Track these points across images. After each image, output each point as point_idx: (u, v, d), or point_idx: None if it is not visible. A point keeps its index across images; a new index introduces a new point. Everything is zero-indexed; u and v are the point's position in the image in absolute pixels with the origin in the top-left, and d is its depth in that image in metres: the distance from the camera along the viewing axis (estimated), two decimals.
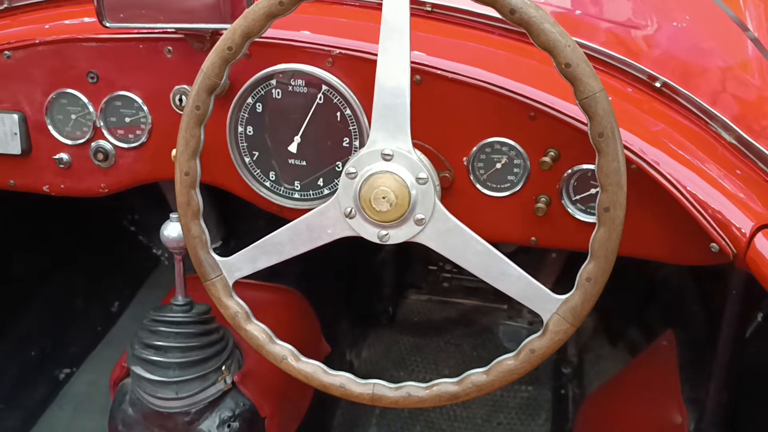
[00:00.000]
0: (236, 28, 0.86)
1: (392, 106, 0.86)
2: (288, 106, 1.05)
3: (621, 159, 0.81)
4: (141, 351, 1.15)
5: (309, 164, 1.08)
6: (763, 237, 0.83)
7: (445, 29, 1.08)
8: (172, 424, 1.17)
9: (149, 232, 2.12)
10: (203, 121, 0.90)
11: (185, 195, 0.93)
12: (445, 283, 2.01)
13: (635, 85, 1.03)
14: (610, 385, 1.54)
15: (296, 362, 0.95)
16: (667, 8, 1.23)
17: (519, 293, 0.89)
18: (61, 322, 1.82)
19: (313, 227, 0.92)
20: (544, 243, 1.04)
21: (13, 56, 1.14)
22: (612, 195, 0.82)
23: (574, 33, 1.04)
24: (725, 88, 1.09)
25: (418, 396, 0.93)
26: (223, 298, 0.95)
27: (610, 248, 0.84)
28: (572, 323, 0.87)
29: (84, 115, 1.16)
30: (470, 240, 0.89)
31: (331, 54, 1.01)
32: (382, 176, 0.87)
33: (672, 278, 1.45)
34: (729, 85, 1.09)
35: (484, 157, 1.03)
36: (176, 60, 1.10)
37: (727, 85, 1.09)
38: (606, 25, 1.21)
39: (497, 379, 0.91)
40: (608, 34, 1.18)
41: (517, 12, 0.79)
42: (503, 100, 0.97)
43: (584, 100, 0.80)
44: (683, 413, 1.17)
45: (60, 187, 1.22)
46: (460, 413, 1.69)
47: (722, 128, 0.98)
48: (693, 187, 0.88)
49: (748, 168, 0.95)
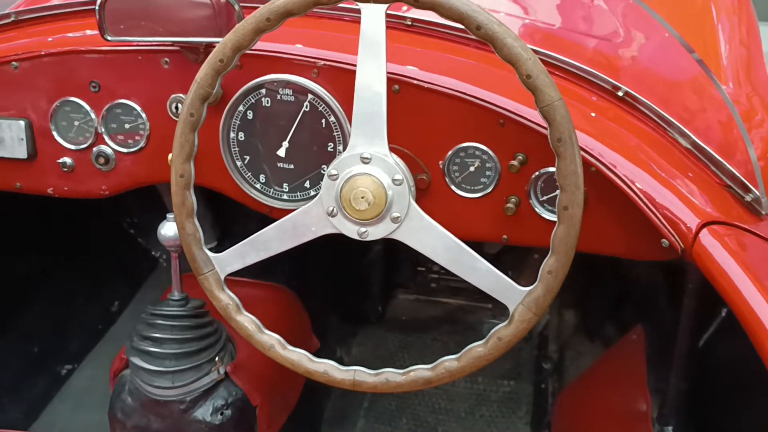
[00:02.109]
0: (227, 41, 0.93)
1: (370, 113, 0.94)
2: (277, 113, 1.12)
3: (578, 162, 0.88)
4: (139, 343, 1.22)
5: (296, 168, 1.14)
6: (708, 233, 0.91)
7: (423, 42, 1.15)
8: (168, 412, 1.23)
9: (147, 234, 2.18)
10: (197, 127, 0.97)
11: (180, 195, 1.00)
12: (432, 283, 2.08)
13: (600, 94, 1.10)
14: (584, 378, 1.61)
15: (283, 350, 1.02)
16: (631, 28, 1.31)
17: (487, 285, 0.96)
18: (63, 319, 1.88)
19: (298, 225, 0.99)
20: (514, 241, 1.12)
21: (20, 67, 1.20)
22: (570, 195, 0.89)
23: (547, 46, 1.12)
24: (679, 100, 1.16)
25: (396, 381, 1.00)
26: (215, 291, 1.02)
27: (569, 244, 0.91)
28: (536, 313, 0.94)
29: (86, 121, 1.22)
30: (442, 237, 0.96)
31: (316, 65, 1.08)
32: (361, 178, 0.94)
33: (643, 277, 1.52)
34: (682, 97, 1.17)
35: (459, 160, 1.09)
36: (173, 70, 1.16)
37: (681, 97, 1.17)
38: (577, 38, 1.29)
39: (467, 365, 0.98)
40: (578, 48, 1.26)
41: (482, 28, 0.87)
42: (475, 108, 1.04)
43: (544, 108, 0.87)
44: (648, 401, 1.24)
45: (63, 190, 1.28)
46: (444, 406, 1.75)
47: (679, 134, 1.05)
48: (646, 187, 0.95)
49: (701, 171, 1.03)
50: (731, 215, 0.96)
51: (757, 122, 1.40)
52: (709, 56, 1.51)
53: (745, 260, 0.89)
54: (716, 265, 0.88)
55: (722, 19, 1.77)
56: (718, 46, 1.62)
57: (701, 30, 1.64)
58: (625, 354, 1.42)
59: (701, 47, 1.54)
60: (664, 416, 1.22)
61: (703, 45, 1.56)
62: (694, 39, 1.55)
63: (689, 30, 1.58)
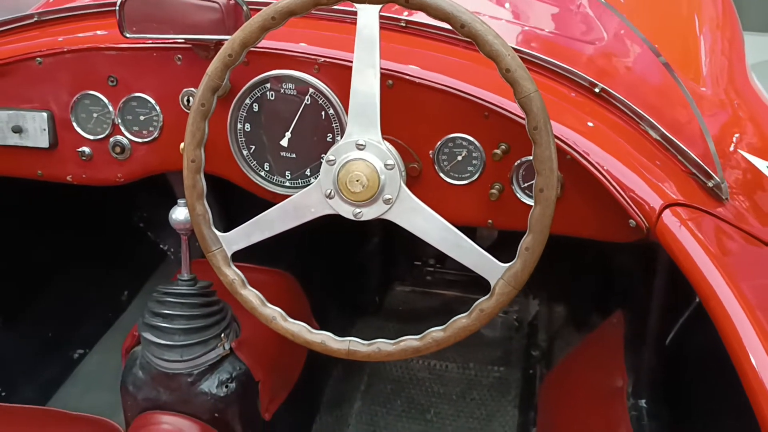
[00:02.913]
0: (235, 38, 1.02)
1: (365, 104, 1.02)
2: (280, 106, 1.20)
3: (552, 148, 0.97)
4: (150, 319, 1.30)
5: (298, 156, 1.22)
6: (670, 213, 0.99)
7: (416, 42, 1.23)
8: (177, 384, 1.30)
9: (157, 229, 2.27)
10: (207, 117, 1.05)
11: (191, 179, 1.08)
12: (428, 276, 2.17)
13: (578, 90, 1.18)
14: (567, 360, 1.70)
15: (284, 322, 1.10)
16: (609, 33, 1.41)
17: (471, 262, 1.04)
18: (76, 307, 1.97)
19: (299, 206, 1.07)
20: (498, 225, 1.20)
21: (44, 62, 1.28)
22: (545, 178, 0.97)
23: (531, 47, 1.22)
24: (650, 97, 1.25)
25: (387, 350, 1.07)
26: (223, 267, 1.10)
27: (544, 223, 0.99)
28: (514, 286, 1.02)
29: (104, 113, 1.30)
30: (431, 217, 1.04)
31: (317, 62, 1.16)
32: (356, 163, 1.02)
33: (625, 267, 1.61)
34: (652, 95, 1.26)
35: (447, 150, 1.17)
36: (185, 66, 1.24)
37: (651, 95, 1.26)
38: (559, 41, 1.39)
39: (453, 335, 1.05)
40: (559, 48, 1.35)
41: (466, 26, 0.96)
42: (462, 102, 1.13)
43: (522, 99, 0.96)
44: (624, 378, 1.33)
45: (82, 177, 1.35)
46: (437, 390, 1.84)
47: (649, 127, 1.14)
48: (616, 173, 1.04)
49: (668, 160, 1.11)
50: (694, 199, 1.04)
51: (731, 121, 1.50)
52: (689, 64, 1.61)
53: (704, 239, 0.98)
54: (678, 242, 0.97)
55: (705, 31, 1.88)
56: (699, 55, 1.72)
57: (684, 40, 1.75)
58: (606, 337, 1.51)
59: (682, 55, 1.65)
60: (638, 391, 1.30)
61: (684, 53, 1.66)
62: (676, 48, 1.66)
63: (672, 39, 1.69)
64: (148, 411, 1.33)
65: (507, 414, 1.78)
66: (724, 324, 0.87)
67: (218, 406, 1.32)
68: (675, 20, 1.83)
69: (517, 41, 1.35)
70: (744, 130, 1.50)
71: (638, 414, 1.27)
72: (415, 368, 1.94)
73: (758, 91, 1.81)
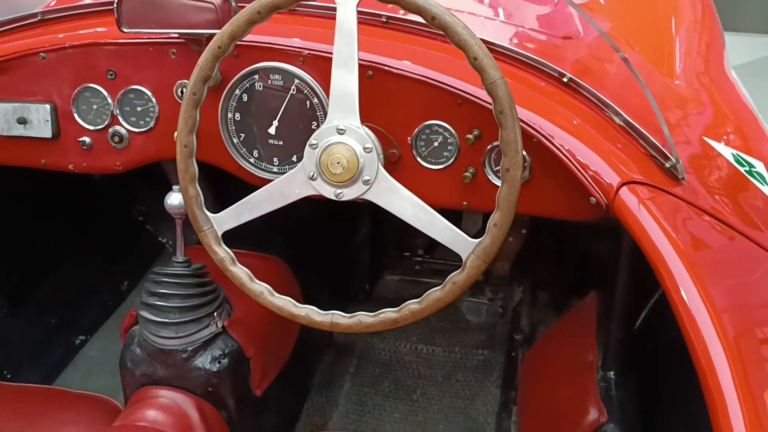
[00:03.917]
0: (225, 31, 1.09)
1: (344, 92, 1.09)
2: (268, 96, 1.26)
3: (517, 130, 1.04)
4: (147, 298, 1.37)
5: (285, 144, 1.28)
6: (628, 190, 1.07)
7: (395, 36, 1.30)
8: (172, 360, 1.38)
9: (155, 222, 2.36)
10: (198, 105, 1.12)
11: (184, 163, 1.16)
12: (416, 266, 2.24)
13: (548, 80, 1.25)
14: (544, 340, 1.77)
15: (271, 297, 1.17)
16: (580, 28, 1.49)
17: (444, 238, 1.10)
18: (78, 295, 2.05)
19: (284, 188, 1.14)
20: (473, 206, 1.27)
21: (47, 57, 1.35)
22: (511, 158, 1.04)
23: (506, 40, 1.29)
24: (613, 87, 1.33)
25: (367, 322, 1.14)
26: (214, 246, 1.18)
27: (511, 201, 1.06)
28: (484, 260, 1.08)
29: (104, 105, 1.36)
30: (407, 197, 1.10)
31: (301, 54, 1.23)
32: (337, 146, 1.09)
33: (601, 251, 1.69)
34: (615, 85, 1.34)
35: (425, 137, 1.24)
36: (179, 60, 1.30)
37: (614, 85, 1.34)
38: (531, 34, 1.47)
39: (428, 307, 1.11)
40: (527, 39, 1.43)
41: (436, 18, 1.03)
42: (437, 91, 1.19)
43: (488, 85, 1.03)
44: (595, 353, 1.40)
45: (83, 165, 1.41)
46: (423, 372, 1.92)
47: (614, 114, 1.21)
48: (577, 153, 1.11)
49: (630, 143, 1.18)
50: (653, 179, 1.12)
51: (701, 112, 1.58)
52: (664, 60, 1.70)
53: (659, 215, 1.05)
54: (634, 218, 1.05)
55: (681, 33, 1.97)
56: (674, 53, 1.80)
57: (660, 39, 1.83)
58: (580, 317, 1.59)
59: (658, 52, 1.73)
60: (607, 363, 1.38)
61: (659, 50, 1.75)
62: (651, 45, 1.75)
63: (649, 38, 1.78)
64: (145, 386, 1.41)
65: (490, 394, 1.86)
66: (675, 294, 0.95)
67: (211, 381, 1.40)
68: (652, 20, 1.92)
69: (492, 35, 1.43)
70: (713, 120, 1.59)
71: (607, 384, 1.35)
72: (402, 352, 2.02)
73: (735, 85, 1.90)
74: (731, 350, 0.88)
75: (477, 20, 1.50)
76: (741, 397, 0.84)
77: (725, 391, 0.84)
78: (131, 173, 1.45)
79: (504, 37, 1.43)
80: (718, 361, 0.87)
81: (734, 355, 0.87)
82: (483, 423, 1.79)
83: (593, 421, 1.26)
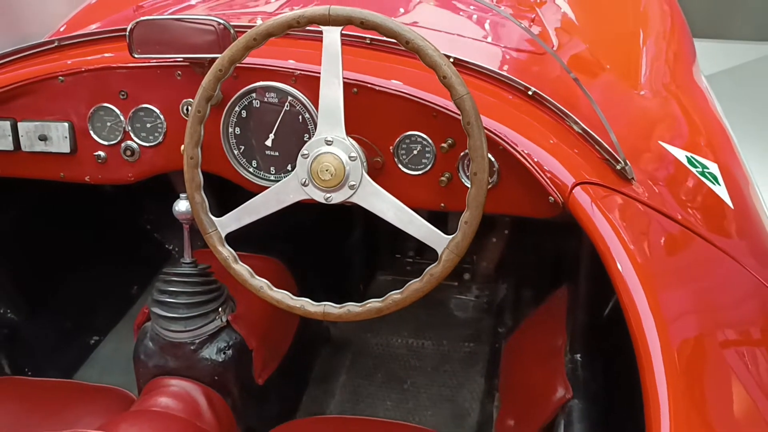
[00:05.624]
0: (225, 56, 1.23)
1: (331, 107, 1.23)
2: (264, 112, 1.37)
3: (483, 139, 1.18)
4: (158, 296, 1.51)
5: (280, 154, 1.40)
6: (581, 190, 1.20)
7: (378, 56, 1.43)
8: (181, 352, 1.51)
9: (162, 230, 2.50)
10: (203, 121, 1.26)
11: (190, 173, 1.30)
12: (407, 266, 2.39)
13: (515, 93, 1.38)
14: (520, 330, 1.92)
15: (270, 291, 1.30)
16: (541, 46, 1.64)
17: (422, 235, 1.24)
18: (91, 299, 2.18)
19: (280, 194, 1.28)
20: (449, 207, 1.40)
21: (65, 80, 1.48)
22: (478, 163, 1.18)
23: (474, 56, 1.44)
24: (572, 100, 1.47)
25: (355, 311, 1.27)
26: (218, 246, 1.31)
27: (479, 201, 1.20)
28: (457, 254, 1.22)
29: (116, 122, 1.48)
30: (388, 200, 1.24)
31: (294, 74, 1.36)
32: (326, 155, 1.24)
33: (572, 250, 1.83)
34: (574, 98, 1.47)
35: (405, 146, 1.37)
36: (184, 81, 1.41)
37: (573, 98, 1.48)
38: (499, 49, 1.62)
39: (408, 296, 1.25)
40: (497, 55, 1.58)
41: (410, 42, 1.18)
42: (415, 105, 1.32)
43: (457, 100, 1.17)
44: (564, 338, 1.54)
45: (98, 177, 1.54)
46: (414, 364, 2.06)
47: (573, 123, 1.35)
48: (536, 157, 1.23)
49: (586, 149, 1.32)
50: (605, 180, 1.26)
51: (662, 119, 1.72)
52: (630, 73, 1.84)
53: (609, 212, 1.19)
54: (586, 215, 1.18)
55: (649, 44, 2.11)
56: (640, 65, 1.95)
57: (627, 52, 1.97)
58: (552, 307, 1.73)
59: (625, 65, 1.87)
60: (575, 347, 1.52)
61: (627, 63, 1.89)
62: (619, 59, 1.89)
63: (616, 52, 1.92)
64: (157, 377, 1.55)
65: (475, 382, 2.00)
66: (619, 284, 1.08)
67: (217, 370, 1.53)
68: (623, 35, 2.06)
69: (465, 52, 1.57)
70: (672, 125, 1.73)
71: (573, 366, 1.48)
72: (394, 345, 2.16)
73: (704, 92, 2.04)
74: (665, 337, 1.00)
75: (451, 38, 1.64)
76: (672, 398, 0.93)
77: (658, 383, 0.95)
78: (140, 187, 1.58)
79: (476, 55, 1.57)
80: (654, 349, 0.99)
81: (669, 340, 0.99)
82: (468, 409, 1.93)
83: (560, 398, 1.40)
